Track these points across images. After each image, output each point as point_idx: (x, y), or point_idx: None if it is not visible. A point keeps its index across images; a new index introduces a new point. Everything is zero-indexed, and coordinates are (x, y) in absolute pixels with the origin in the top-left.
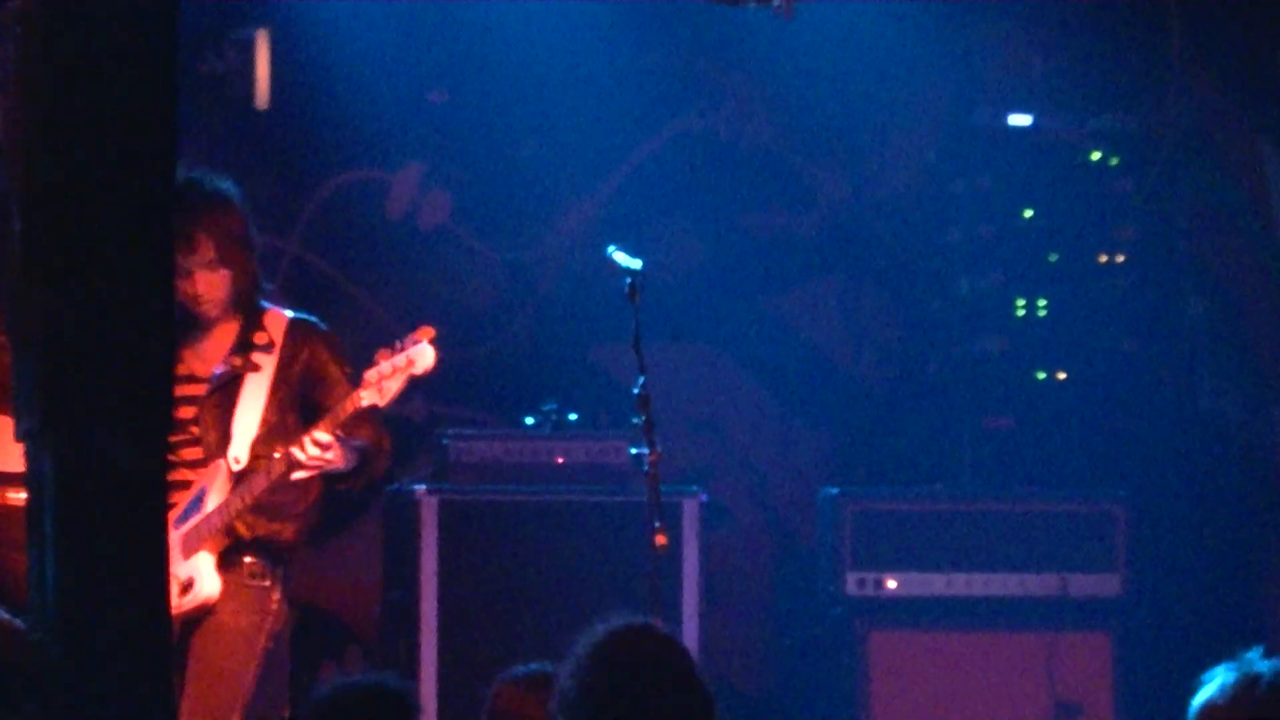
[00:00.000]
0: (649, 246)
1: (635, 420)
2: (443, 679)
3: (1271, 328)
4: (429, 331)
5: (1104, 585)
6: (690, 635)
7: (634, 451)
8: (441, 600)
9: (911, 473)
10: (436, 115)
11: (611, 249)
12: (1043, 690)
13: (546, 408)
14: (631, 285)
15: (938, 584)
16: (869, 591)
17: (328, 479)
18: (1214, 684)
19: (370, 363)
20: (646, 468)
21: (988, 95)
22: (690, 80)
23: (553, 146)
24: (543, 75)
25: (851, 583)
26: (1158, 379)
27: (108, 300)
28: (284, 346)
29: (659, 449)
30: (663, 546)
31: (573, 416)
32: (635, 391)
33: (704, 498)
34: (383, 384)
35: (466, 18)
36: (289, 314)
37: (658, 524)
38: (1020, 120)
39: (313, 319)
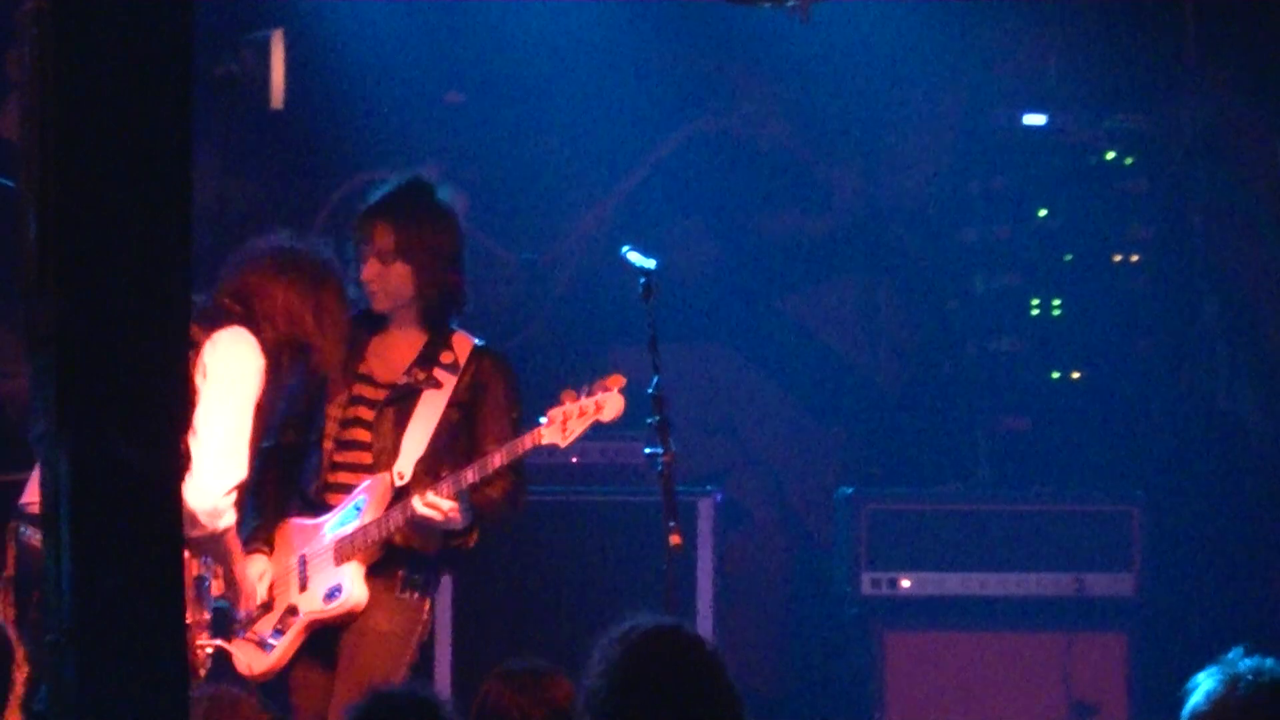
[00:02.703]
0: (665, 247)
1: (650, 420)
2: (457, 679)
3: None
4: (620, 380)
5: (1119, 585)
6: (705, 635)
7: (649, 451)
8: (456, 600)
9: (927, 472)
10: (453, 116)
11: (626, 249)
12: (1058, 690)
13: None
14: (646, 285)
15: (953, 584)
16: (884, 591)
17: (445, 534)
18: (1199, 691)
19: (555, 401)
20: (661, 468)
21: (1002, 96)
22: (706, 81)
23: (569, 147)
24: (559, 76)
25: (867, 582)
26: (1173, 379)
27: (122, 302)
28: (464, 370)
29: (674, 449)
30: (677, 546)
31: None
32: (650, 391)
33: (719, 497)
34: (567, 424)
35: (483, 19)
36: (476, 340)
37: (672, 524)
38: (1035, 120)
39: (498, 352)
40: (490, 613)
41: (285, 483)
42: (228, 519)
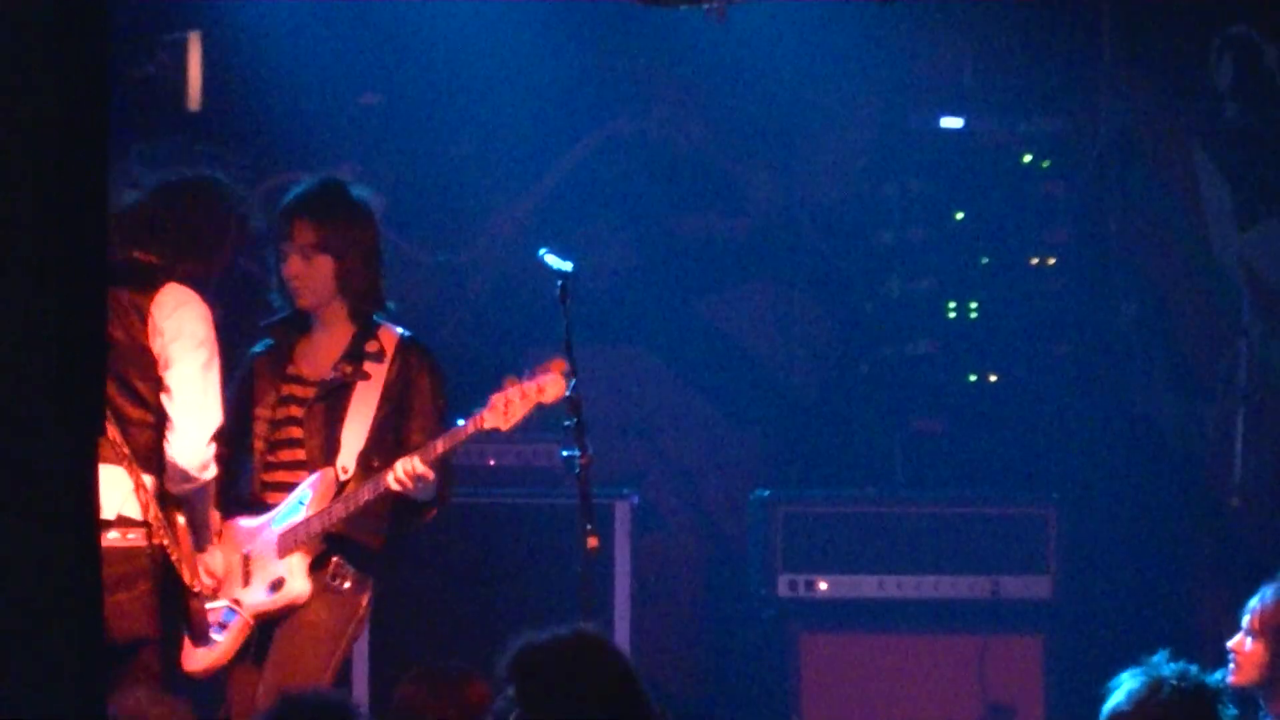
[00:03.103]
0: (581, 249)
1: (567, 423)
2: (374, 681)
3: (1202, 330)
4: (561, 364)
5: (1035, 588)
6: (621, 637)
7: (565, 454)
8: (373, 602)
9: (843, 475)
10: (369, 118)
11: (543, 251)
12: (973, 692)
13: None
14: (563, 287)
15: (869, 586)
16: (800, 593)
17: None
18: (1120, 690)
19: (497, 387)
20: (578, 470)
21: (919, 98)
22: (622, 83)
23: (485, 149)
24: (475, 78)
25: (783, 585)
26: (1089, 381)
27: (39, 305)
28: (392, 361)
29: (590, 451)
30: (594, 549)
31: None
32: (567, 394)
33: (635, 500)
34: (509, 408)
35: (399, 20)
36: (400, 331)
37: (589, 526)
38: (952, 123)
39: (423, 343)
40: (408, 615)
41: (222, 491)
42: (213, 469)
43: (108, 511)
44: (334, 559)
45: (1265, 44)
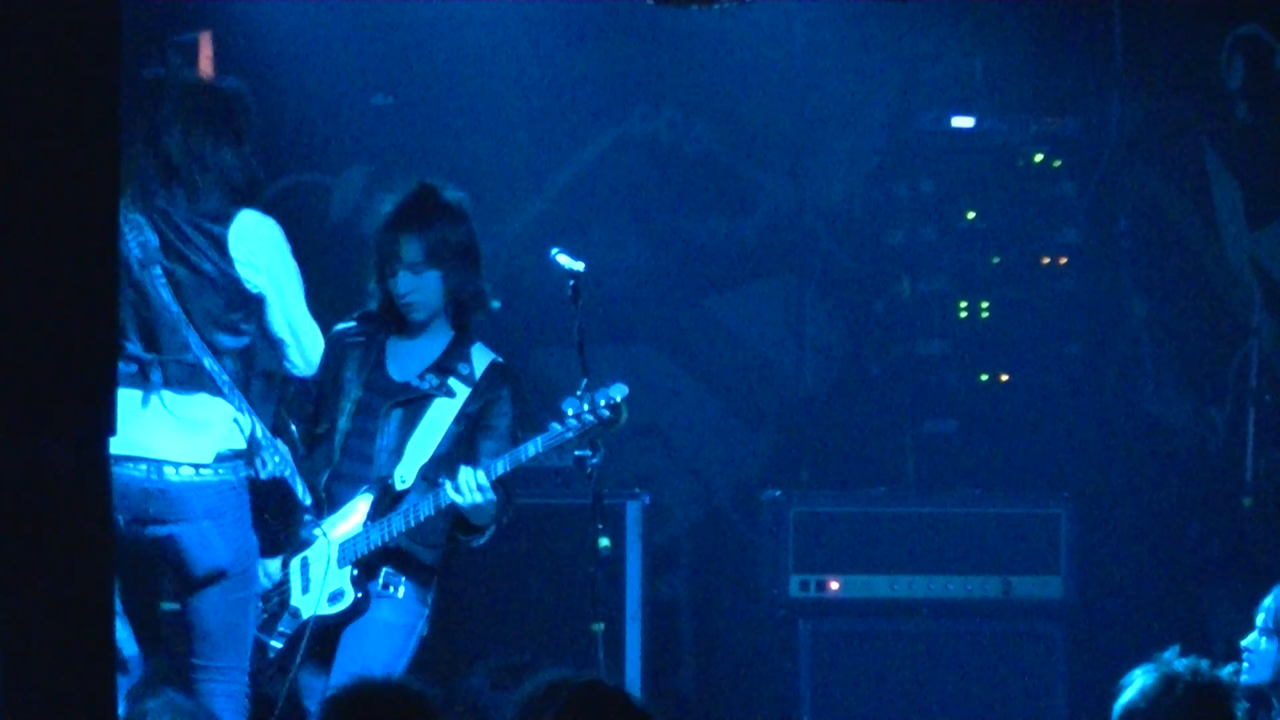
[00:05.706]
0: (592, 249)
1: None
2: None
3: (1213, 330)
4: (622, 389)
5: (1047, 587)
6: (632, 637)
7: (577, 454)
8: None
9: (854, 475)
10: (380, 118)
11: (555, 251)
12: (985, 692)
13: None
14: (575, 287)
15: (881, 586)
16: (812, 594)
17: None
18: (1134, 686)
19: (560, 410)
20: (589, 470)
21: (930, 98)
22: (633, 84)
23: (496, 150)
24: (486, 79)
25: (795, 585)
26: (1100, 381)
27: (49, 304)
28: (480, 384)
29: (602, 452)
30: (606, 549)
31: None
32: (578, 394)
33: (646, 500)
34: (582, 425)
35: (411, 22)
36: (494, 357)
37: (600, 526)
38: (963, 123)
39: (514, 368)
40: None
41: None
42: None
43: (210, 450)
44: (384, 570)
45: (1276, 45)
